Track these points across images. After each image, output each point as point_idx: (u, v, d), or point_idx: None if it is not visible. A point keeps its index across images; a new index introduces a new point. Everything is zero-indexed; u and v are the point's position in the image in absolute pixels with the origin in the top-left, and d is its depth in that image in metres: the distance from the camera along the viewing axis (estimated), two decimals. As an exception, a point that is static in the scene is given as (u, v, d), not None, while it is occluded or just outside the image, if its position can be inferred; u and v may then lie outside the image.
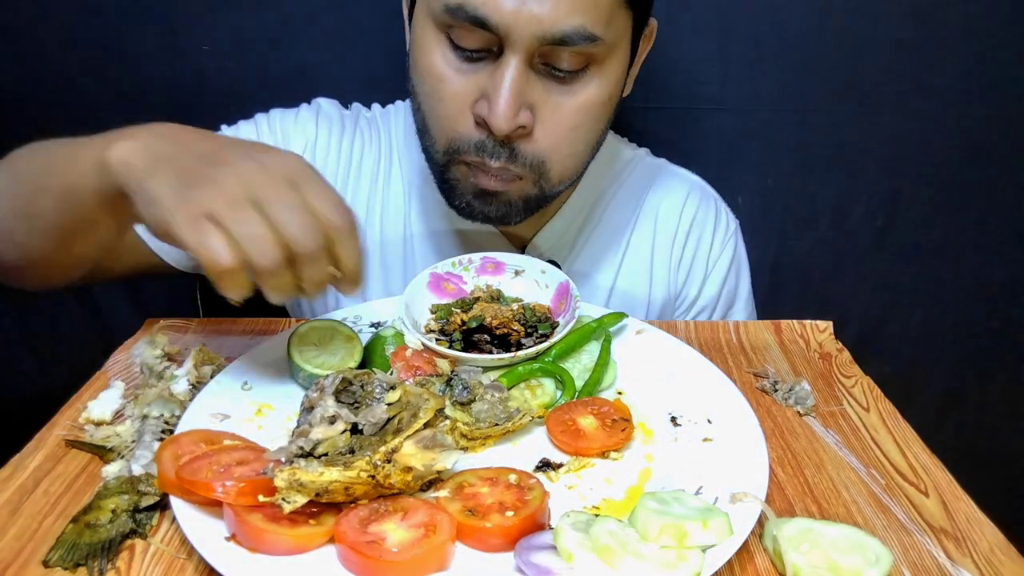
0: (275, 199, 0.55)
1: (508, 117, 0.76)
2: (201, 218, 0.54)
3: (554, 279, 0.86)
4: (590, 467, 0.65)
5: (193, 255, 0.55)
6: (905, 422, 0.76)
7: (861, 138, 1.31)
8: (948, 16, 1.23)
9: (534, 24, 0.72)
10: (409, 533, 0.53)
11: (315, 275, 0.58)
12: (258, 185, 0.55)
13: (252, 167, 0.57)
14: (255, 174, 0.56)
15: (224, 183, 0.55)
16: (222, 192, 0.55)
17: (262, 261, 0.55)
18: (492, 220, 0.87)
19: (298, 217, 0.55)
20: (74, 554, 0.54)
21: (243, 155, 0.58)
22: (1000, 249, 1.40)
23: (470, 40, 0.76)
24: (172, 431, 0.65)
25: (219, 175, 0.56)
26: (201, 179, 0.56)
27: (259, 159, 0.58)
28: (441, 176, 0.86)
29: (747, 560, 0.56)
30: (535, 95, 0.78)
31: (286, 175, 0.57)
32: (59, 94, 1.23)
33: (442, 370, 0.73)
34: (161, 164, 0.58)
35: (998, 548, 0.60)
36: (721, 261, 1.07)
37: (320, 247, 0.57)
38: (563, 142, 0.82)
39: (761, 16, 1.23)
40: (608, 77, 0.81)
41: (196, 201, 0.55)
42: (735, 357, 0.87)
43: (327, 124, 1.01)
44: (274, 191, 0.56)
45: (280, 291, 0.58)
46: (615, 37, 0.79)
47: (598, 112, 0.83)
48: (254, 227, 0.54)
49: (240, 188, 0.55)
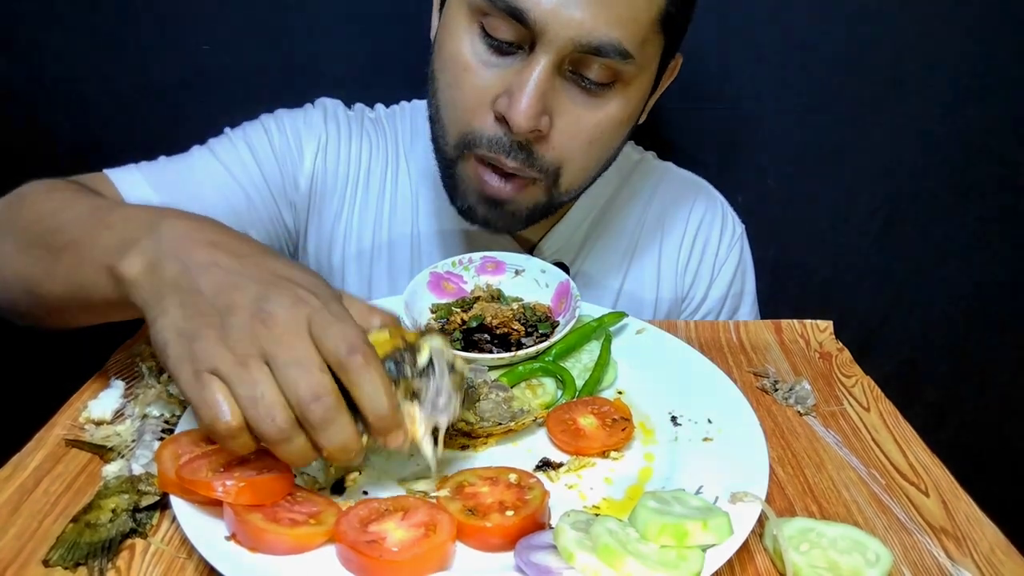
0: (285, 352, 0.49)
1: (530, 116, 0.74)
2: (204, 374, 0.49)
3: (554, 278, 0.86)
4: (590, 466, 0.65)
5: (194, 412, 0.51)
6: (905, 422, 0.76)
7: (861, 138, 1.32)
8: (948, 16, 1.23)
9: (572, 27, 0.72)
10: (409, 532, 0.53)
11: (334, 437, 0.50)
12: (267, 340, 0.50)
13: (262, 316, 0.50)
14: (265, 324, 0.50)
15: (231, 337, 0.50)
16: (229, 348, 0.50)
17: (266, 426, 0.49)
18: (492, 227, 0.87)
19: (308, 376, 0.49)
20: (74, 553, 0.54)
21: (254, 297, 0.51)
22: (1000, 249, 1.40)
23: (503, 31, 0.75)
24: (172, 431, 0.65)
25: (228, 325, 0.50)
26: (208, 329, 0.51)
27: (271, 299, 0.51)
28: (448, 171, 0.85)
29: (747, 560, 0.56)
30: (558, 101, 0.77)
31: (297, 319, 0.50)
32: (59, 94, 1.23)
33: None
34: (168, 295, 0.53)
35: (998, 548, 0.60)
36: (727, 265, 1.07)
37: (332, 408, 0.50)
38: (578, 154, 0.81)
39: (761, 16, 1.23)
40: (631, 98, 0.81)
41: (201, 357, 0.50)
42: (735, 357, 0.87)
43: (335, 126, 1.01)
44: (285, 344, 0.50)
45: (295, 459, 0.51)
46: (645, 60, 0.78)
47: (615, 131, 0.83)
48: (259, 387, 0.49)
49: (248, 343, 0.50)
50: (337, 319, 0.51)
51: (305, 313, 0.51)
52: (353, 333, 0.51)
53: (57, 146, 1.25)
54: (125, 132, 1.24)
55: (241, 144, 0.96)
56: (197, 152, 0.95)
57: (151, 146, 0.95)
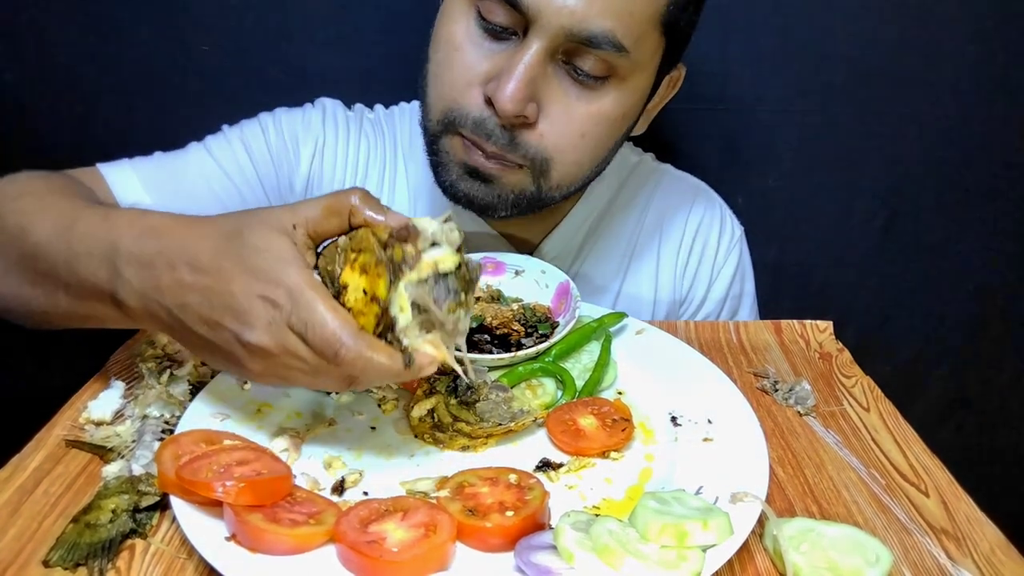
0: (296, 378, 0.58)
1: (516, 99, 0.74)
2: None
3: (554, 279, 0.86)
4: (590, 467, 0.65)
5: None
6: (905, 422, 0.76)
7: (861, 138, 1.32)
8: (948, 16, 1.23)
9: (564, 15, 0.72)
10: (409, 533, 0.53)
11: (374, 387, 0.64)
12: (276, 369, 0.57)
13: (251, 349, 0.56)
14: (261, 356, 0.56)
15: (252, 373, 0.58)
16: (248, 373, 0.59)
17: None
18: (476, 206, 0.84)
19: (327, 376, 0.57)
20: (74, 554, 0.54)
21: (234, 336, 0.56)
22: (1000, 249, 1.40)
23: (498, 15, 0.75)
24: (172, 431, 0.65)
25: (237, 361, 0.58)
26: (232, 366, 0.59)
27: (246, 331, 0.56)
28: (432, 147, 0.84)
29: (747, 560, 0.56)
30: (549, 89, 0.77)
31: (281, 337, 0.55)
32: (59, 94, 1.23)
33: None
34: (177, 332, 0.60)
35: (999, 548, 0.60)
36: (726, 268, 1.07)
37: (363, 384, 0.58)
38: (569, 146, 0.80)
39: (761, 16, 1.23)
40: (625, 96, 0.80)
41: (231, 371, 0.62)
42: (735, 357, 0.87)
43: (334, 126, 1.00)
44: (291, 368, 0.57)
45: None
46: (642, 57, 0.78)
47: (609, 127, 0.81)
48: (315, 384, 0.59)
49: (267, 374, 0.58)
50: (307, 319, 0.55)
51: (283, 325, 0.55)
52: (327, 331, 0.54)
53: (57, 144, 1.25)
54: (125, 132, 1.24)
55: (237, 142, 0.95)
56: (193, 149, 0.95)
57: (150, 145, 0.95)
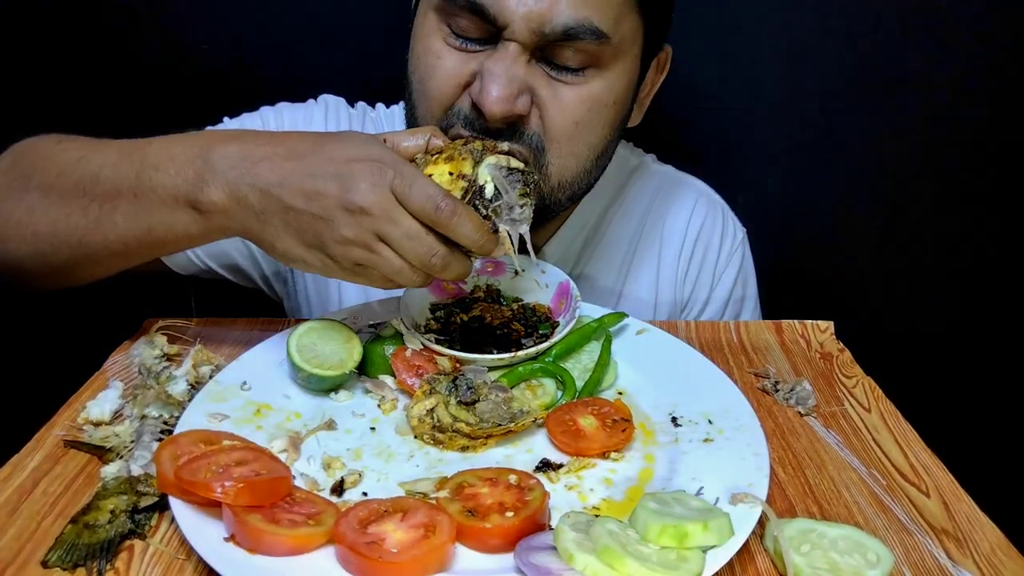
0: (393, 230, 0.63)
1: (501, 99, 0.73)
2: (354, 267, 0.66)
3: (554, 279, 0.86)
4: (590, 467, 0.65)
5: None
6: (906, 422, 0.76)
7: (861, 138, 1.31)
8: (948, 15, 1.23)
9: (534, 18, 0.72)
10: (409, 534, 0.52)
11: (451, 274, 0.67)
12: (373, 226, 0.63)
13: (353, 208, 0.62)
14: (362, 214, 0.62)
15: (347, 236, 0.63)
16: (353, 244, 0.64)
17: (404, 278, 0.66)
18: None
19: (418, 243, 0.64)
20: (73, 555, 0.54)
21: (338, 195, 0.62)
22: (1000, 248, 1.40)
23: (469, 28, 0.75)
24: (171, 431, 0.65)
25: (335, 226, 0.63)
26: (325, 238, 0.64)
27: (351, 189, 0.62)
28: None
29: (748, 561, 0.56)
30: (536, 82, 0.76)
31: (383, 197, 0.62)
32: (59, 93, 1.23)
33: (444, 368, 0.73)
34: (268, 220, 0.64)
35: (999, 548, 0.60)
36: (728, 271, 1.07)
37: (445, 257, 0.65)
38: (564, 135, 0.79)
39: (761, 16, 1.23)
40: (611, 82, 0.79)
41: (341, 259, 0.65)
42: (736, 357, 0.86)
43: (335, 123, 1.00)
44: (388, 224, 0.63)
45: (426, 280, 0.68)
46: (622, 40, 0.77)
47: (601, 113, 0.80)
48: (392, 264, 0.65)
49: (363, 234, 0.63)
50: (411, 181, 0.63)
51: (386, 187, 0.62)
52: (430, 190, 0.63)
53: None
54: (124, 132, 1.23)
55: None
56: None
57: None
